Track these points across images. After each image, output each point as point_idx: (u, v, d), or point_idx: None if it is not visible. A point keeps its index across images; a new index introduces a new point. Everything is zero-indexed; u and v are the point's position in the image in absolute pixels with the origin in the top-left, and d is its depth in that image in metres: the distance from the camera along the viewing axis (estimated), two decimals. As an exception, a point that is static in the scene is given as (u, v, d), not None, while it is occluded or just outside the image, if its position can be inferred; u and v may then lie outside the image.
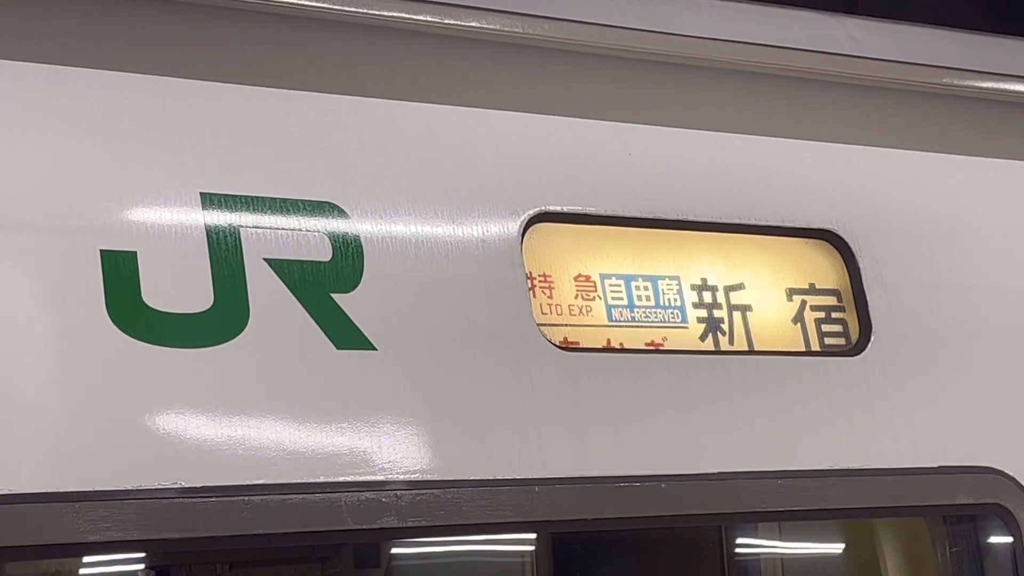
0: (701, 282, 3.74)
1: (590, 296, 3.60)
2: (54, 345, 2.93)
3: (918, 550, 4.51)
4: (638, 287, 3.66)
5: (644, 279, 3.68)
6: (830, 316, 3.90)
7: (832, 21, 4.27)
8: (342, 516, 3.07)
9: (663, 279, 3.70)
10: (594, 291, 3.61)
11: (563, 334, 3.53)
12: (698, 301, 3.72)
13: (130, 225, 3.06)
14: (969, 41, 4.53)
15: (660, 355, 3.57)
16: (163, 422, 2.98)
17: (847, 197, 3.97)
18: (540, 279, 3.55)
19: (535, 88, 3.68)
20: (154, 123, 3.17)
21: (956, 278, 4.05)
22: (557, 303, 3.56)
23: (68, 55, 3.14)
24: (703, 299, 3.73)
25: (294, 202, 3.23)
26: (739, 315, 3.77)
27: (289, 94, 3.33)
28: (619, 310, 3.63)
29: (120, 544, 2.91)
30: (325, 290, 3.19)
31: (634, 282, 3.66)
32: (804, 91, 4.09)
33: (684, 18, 3.94)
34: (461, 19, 3.58)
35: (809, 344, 3.84)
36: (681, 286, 3.71)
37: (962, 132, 4.28)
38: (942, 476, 3.81)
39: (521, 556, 5.19)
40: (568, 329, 3.54)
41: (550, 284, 3.56)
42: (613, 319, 3.61)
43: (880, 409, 3.78)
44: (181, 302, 3.05)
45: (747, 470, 3.54)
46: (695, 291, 3.72)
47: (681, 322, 3.69)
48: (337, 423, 3.13)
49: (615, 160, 3.68)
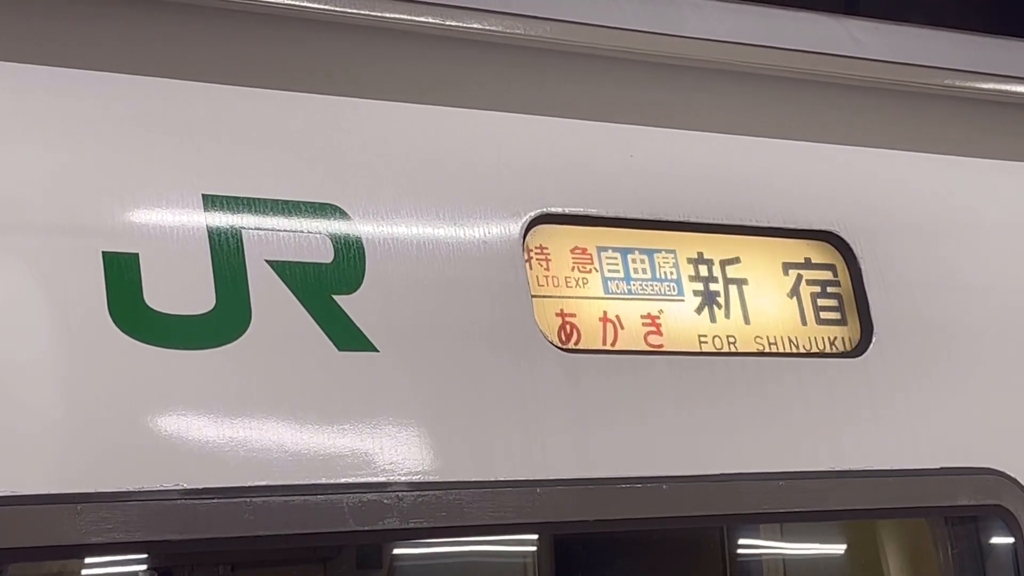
0: (697, 255, 3.74)
1: (586, 268, 3.61)
2: (56, 347, 2.93)
3: (920, 551, 4.51)
4: (634, 260, 3.67)
5: (641, 252, 3.68)
6: (825, 290, 3.90)
7: (833, 22, 4.28)
8: (344, 517, 3.07)
9: (659, 252, 3.70)
10: (590, 263, 3.61)
11: (559, 306, 3.53)
12: (694, 274, 3.72)
13: (132, 227, 3.06)
14: (971, 42, 4.53)
15: (662, 356, 3.58)
16: (165, 424, 2.98)
17: (848, 198, 3.97)
18: (537, 251, 3.55)
19: (536, 89, 3.68)
20: (156, 125, 3.17)
21: (958, 279, 4.05)
22: (553, 275, 3.56)
23: (69, 57, 3.15)
24: (699, 272, 3.73)
25: (296, 204, 3.23)
26: (735, 288, 3.77)
27: (291, 95, 3.34)
28: (615, 282, 3.63)
29: (122, 545, 2.91)
30: (327, 291, 3.20)
31: (631, 255, 3.67)
32: (805, 92, 4.09)
33: (685, 19, 3.95)
34: (463, 20, 3.59)
35: (805, 318, 3.84)
36: (677, 259, 3.72)
37: (963, 133, 4.28)
38: (943, 477, 3.81)
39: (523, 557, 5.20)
40: (564, 301, 3.55)
41: (547, 256, 3.57)
42: (609, 291, 3.61)
43: (882, 410, 3.78)
44: (183, 304, 3.05)
45: (749, 471, 3.54)
46: (691, 264, 3.73)
47: (678, 295, 3.69)
48: (339, 424, 3.13)
49: (617, 161, 3.68)
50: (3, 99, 3.07)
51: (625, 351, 3.55)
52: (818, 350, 3.83)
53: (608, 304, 3.61)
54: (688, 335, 3.67)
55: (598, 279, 3.61)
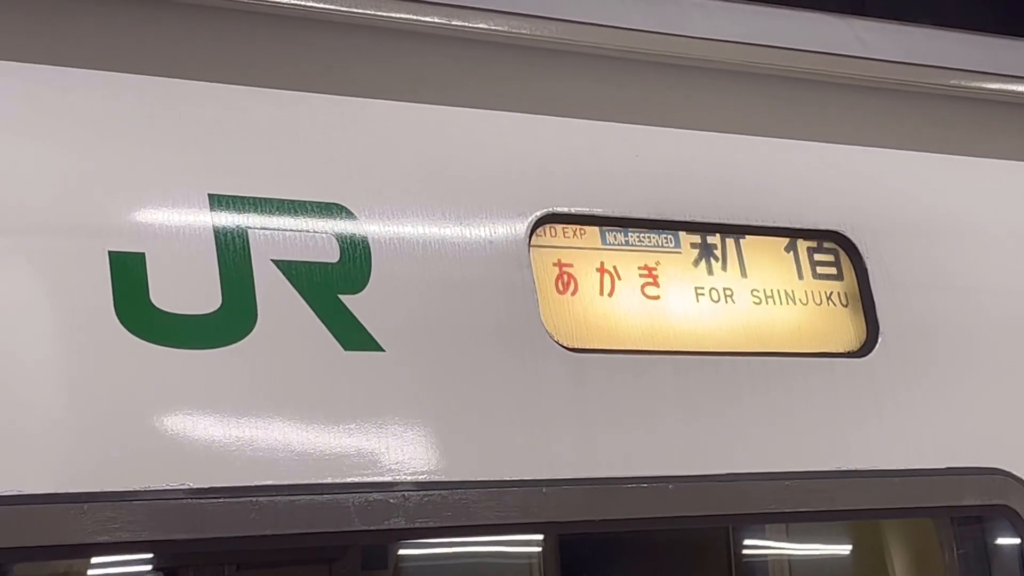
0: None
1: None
2: (62, 346, 2.93)
3: (926, 551, 4.51)
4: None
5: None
6: (822, 246, 3.90)
7: (839, 22, 4.27)
8: (350, 517, 3.07)
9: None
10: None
11: (556, 256, 3.53)
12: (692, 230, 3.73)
13: (138, 226, 3.06)
14: (977, 42, 4.52)
15: (667, 356, 3.57)
16: (171, 423, 2.99)
17: (854, 198, 3.97)
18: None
19: (542, 89, 3.68)
20: (162, 124, 3.17)
21: (963, 279, 4.04)
22: (551, 225, 3.56)
23: (76, 56, 3.15)
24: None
25: (302, 203, 3.23)
26: (732, 241, 3.77)
27: (297, 95, 3.34)
28: (613, 234, 3.63)
29: (128, 545, 2.91)
30: (333, 291, 3.20)
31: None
32: (811, 92, 4.09)
33: (691, 19, 3.94)
34: (469, 21, 3.59)
35: (801, 272, 3.84)
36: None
37: (970, 133, 4.28)
38: (949, 477, 3.81)
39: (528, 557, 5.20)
40: (561, 251, 3.55)
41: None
42: (607, 242, 3.62)
43: (887, 410, 3.77)
44: (189, 303, 3.06)
45: (754, 471, 3.54)
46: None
47: (674, 247, 3.69)
48: (345, 424, 3.13)
49: (623, 161, 3.68)
50: (10, 99, 3.08)
51: (631, 351, 3.55)
52: (815, 303, 3.83)
53: (605, 255, 3.60)
54: (685, 286, 3.67)
55: (595, 230, 3.61)
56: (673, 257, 3.69)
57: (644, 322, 3.61)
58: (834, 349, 3.83)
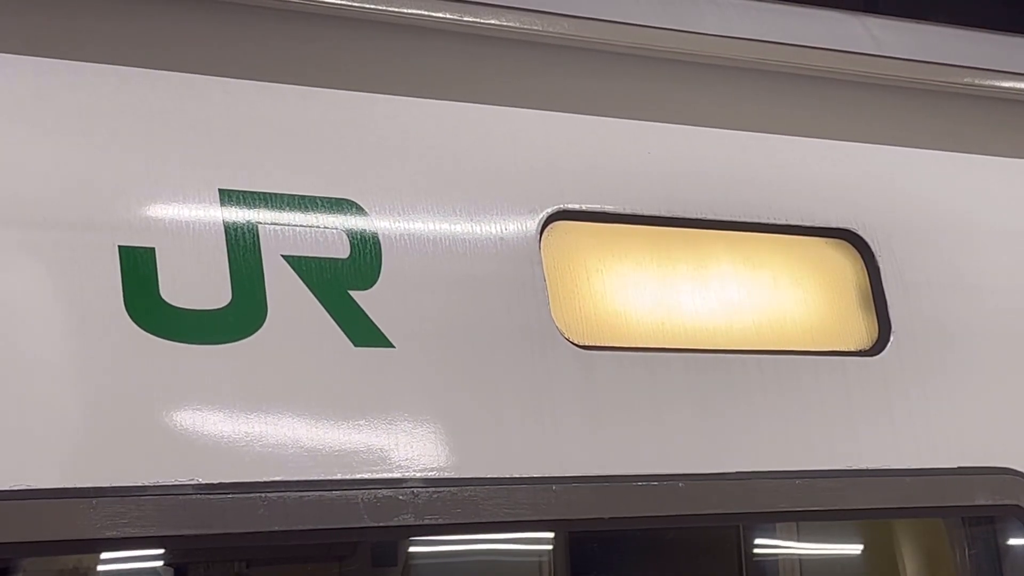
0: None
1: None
2: (72, 341, 2.93)
3: (936, 551, 4.50)
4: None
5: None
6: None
7: (853, 20, 4.26)
8: (359, 513, 3.07)
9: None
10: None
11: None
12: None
13: (148, 221, 3.06)
14: (991, 40, 4.51)
15: (678, 353, 3.56)
16: (180, 418, 2.98)
17: (867, 197, 3.96)
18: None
19: (554, 86, 3.67)
20: (172, 119, 3.17)
21: (976, 278, 4.03)
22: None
23: (86, 51, 3.15)
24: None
25: (312, 199, 3.23)
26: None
27: (308, 91, 3.33)
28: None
29: (137, 540, 2.91)
30: (343, 287, 3.19)
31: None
32: (824, 90, 4.07)
33: (704, 16, 3.94)
34: (480, 16, 3.58)
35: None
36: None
37: (983, 132, 4.27)
38: (961, 477, 3.80)
39: (538, 555, 5.20)
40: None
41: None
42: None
43: (899, 409, 3.77)
44: (199, 298, 3.05)
45: (765, 470, 3.53)
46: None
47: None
48: (354, 420, 3.13)
49: (634, 158, 3.67)
50: (20, 93, 3.07)
51: (642, 348, 3.54)
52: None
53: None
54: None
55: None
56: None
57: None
58: (846, 348, 3.82)
